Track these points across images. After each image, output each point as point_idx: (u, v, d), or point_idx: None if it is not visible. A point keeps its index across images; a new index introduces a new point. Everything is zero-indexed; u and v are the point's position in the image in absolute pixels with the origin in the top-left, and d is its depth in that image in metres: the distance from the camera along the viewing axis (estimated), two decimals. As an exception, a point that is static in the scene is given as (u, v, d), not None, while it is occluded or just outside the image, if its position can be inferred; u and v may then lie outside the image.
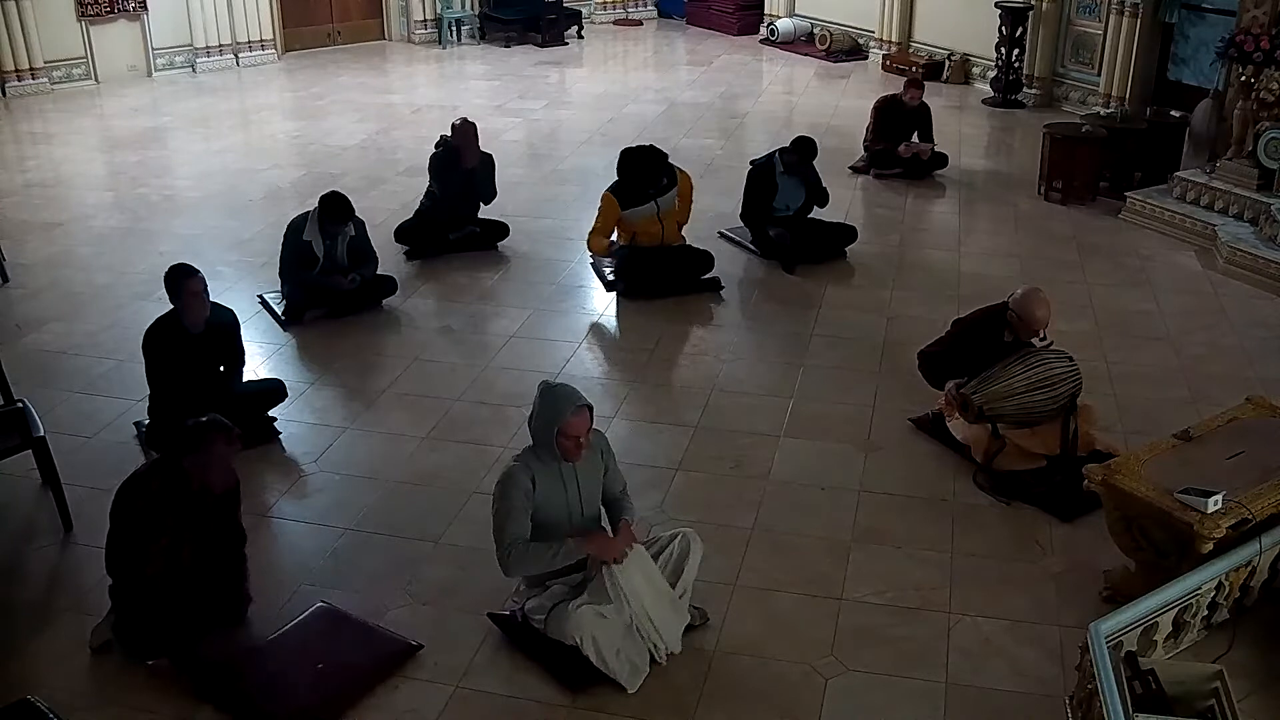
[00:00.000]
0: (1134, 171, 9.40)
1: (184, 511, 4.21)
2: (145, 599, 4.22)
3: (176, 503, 4.20)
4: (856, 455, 5.74)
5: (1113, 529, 4.59)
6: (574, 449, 4.18)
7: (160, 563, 4.19)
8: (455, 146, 7.99)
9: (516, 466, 4.23)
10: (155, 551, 4.17)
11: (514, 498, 4.17)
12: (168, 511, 4.17)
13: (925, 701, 4.20)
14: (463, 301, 7.51)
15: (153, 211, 9.09)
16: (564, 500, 4.28)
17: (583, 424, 4.17)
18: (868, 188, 9.64)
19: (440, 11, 14.86)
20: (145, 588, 4.21)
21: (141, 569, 4.18)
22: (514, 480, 4.19)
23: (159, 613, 4.21)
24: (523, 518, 4.18)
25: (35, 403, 5.49)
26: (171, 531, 4.18)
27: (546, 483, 4.23)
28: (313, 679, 4.21)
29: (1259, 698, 4.16)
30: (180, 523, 4.20)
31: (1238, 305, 7.47)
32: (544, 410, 4.18)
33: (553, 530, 4.24)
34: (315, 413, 6.14)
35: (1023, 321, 5.53)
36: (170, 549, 4.20)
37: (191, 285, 5.42)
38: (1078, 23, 11.74)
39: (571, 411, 4.13)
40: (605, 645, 4.15)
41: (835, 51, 14.24)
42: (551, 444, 4.16)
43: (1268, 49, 8.08)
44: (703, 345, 7.04)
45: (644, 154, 7.46)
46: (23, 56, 12.22)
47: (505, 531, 4.17)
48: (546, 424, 4.15)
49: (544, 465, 4.23)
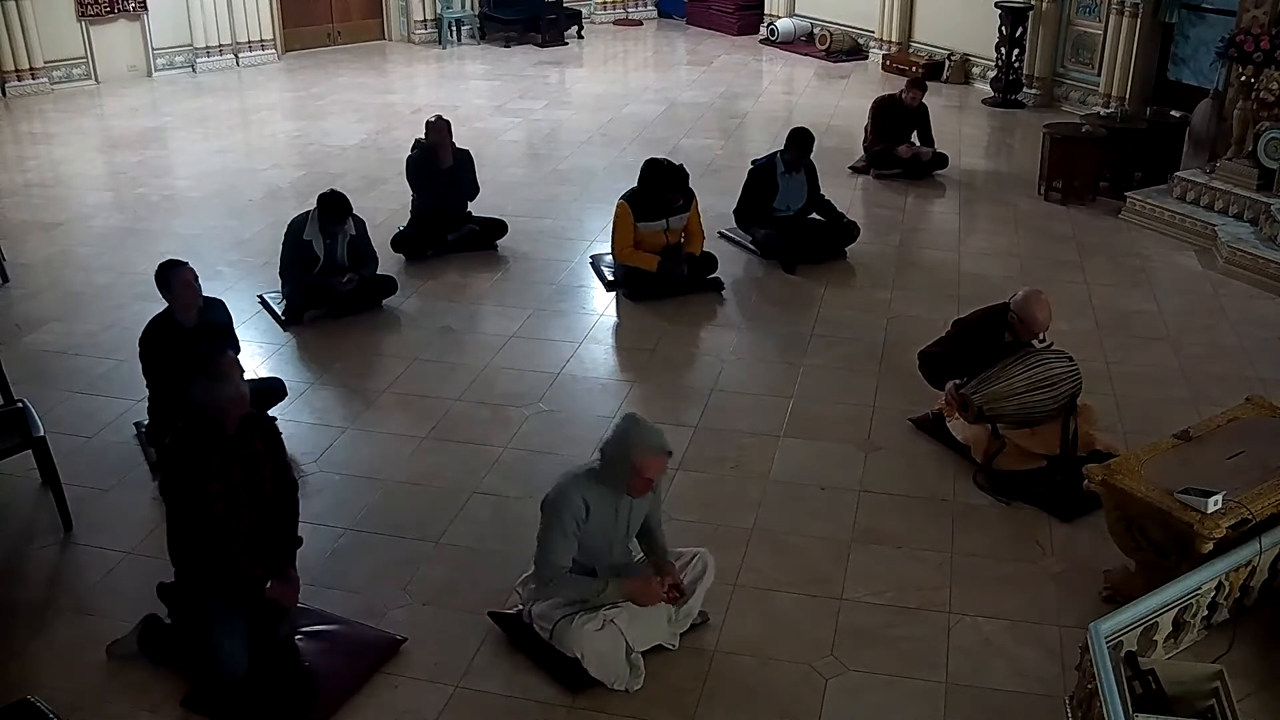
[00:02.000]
0: (1134, 171, 9.41)
1: (225, 451, 4.20)
2: (217, 545, 4.18)
3: (215, 444, 4.19)
4: (856, 455, 5.74)
5: (1113, 529, 4.59)
6: (643, 487, 4.14)
7: (222, 504, 4.17)
8: (431, 145, 7.98)
9: (571, 487, 4.14)
10: (215, 492, 4.16)
11: (565, 521, 4.11)
12: (210, 453, 4.16)
13: (925, 701, 4.20)
14: (462, 301, 7.51)
15: (153, 211, 9.09)
16: (612, 528, 4.24)
17: (660, 467, 4.12)
18: (868, 188, 9.64)
19: (440, 11, 14.86)
20: (215, 531, 4.17)
21: (210, 510, 4.15)
22: (568, 502, 4.12)
23: (229, 558, 4.19)
24: (568, 543, 4.14)
25: (35, 403, 5.49)
26: (220, 473, 4.17)
27: (600, 509, 4.16)
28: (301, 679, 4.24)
29: (1259, 698, 4.16)
30: (226, 463, 4.19)
31: (1238, 305, 7.47)
32: (626, 443, 4.08)
33: (595, 554, 4.22)
34: (315, 413, 6.14)
35: (1023, 323, 5.53)
36: (225, 491, 4.19)
37: (182, 274, 5.43)
38: (1078, 23, 11.74)
39: (654, 453, 4.08)
40: (608, 663, 4.16)
41: (835, 51, 14.25)
42: (623, 476, 4.09)
43: (1268, 49, 8.09)
44: (703, 345, 7.04)
45: (669, 172, 7.35)
46: (23, 56, 12.22)
47: (549, 556, 4.14)
48: (625, 457, 4.06)
49: (602, 491, 4.14)
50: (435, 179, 7.99)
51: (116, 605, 4.61)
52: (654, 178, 7.39)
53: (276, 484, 4.42)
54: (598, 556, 4.23)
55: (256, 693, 4.15)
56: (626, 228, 7.39)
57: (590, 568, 4.22)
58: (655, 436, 4.12)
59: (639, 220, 7.38)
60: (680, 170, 7.42)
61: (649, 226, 7.41)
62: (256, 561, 4.27)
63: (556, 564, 4.14)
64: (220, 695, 4.13)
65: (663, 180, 7.36)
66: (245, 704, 4.12)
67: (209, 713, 4.11)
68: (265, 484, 4.35)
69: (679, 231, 7.53)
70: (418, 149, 8.15)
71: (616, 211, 7.44)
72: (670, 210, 7.43)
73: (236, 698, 4.12)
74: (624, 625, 4.19)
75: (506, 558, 4.86)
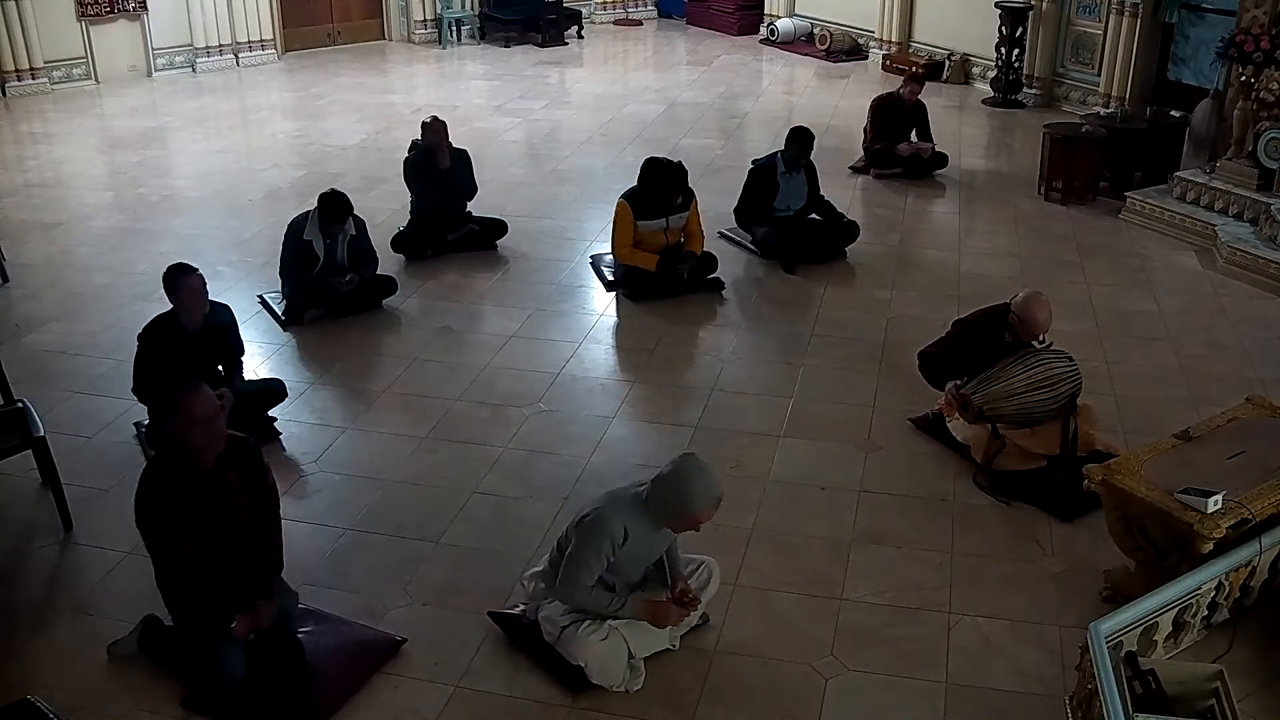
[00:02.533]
0: (1134, 171, 9.41)
1: (196, 490, 4.06)
2: (187, 587, 4.10)
3: (186, 483, 4.04)
4: (856, 455, 5.74)
5: (1113, 529, 4.59)
6: (690, 528, 4.12)
7: (191, 546, 4.05)
8: (428, 146, 7.97)
9: (614, 515, 4.08)
10: (182, 536, 4.03)
11: (602, 546, 4.06)
12: (180, 495, 4.02)
13: (925, 701, 4.20)
14: (462, 301, 7.51)
15: (153, 211, 9.09)
16: (648, 555, 4.24)
17: (712, 513, 4.10)
18: (868, 188, 9.64)
19: (440, 11, 14.86)
20: (184, 574, 4.08)
21: (178, 554, 4.04)
22: (606, 530, 4.06)
23: (203, 597, 4.12)
24: (599, 566, 4.11)
25: (35, 403, 5.49)
26: (188, 516, 4.03)
27: (638, 538, 4.12)
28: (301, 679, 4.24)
29: (1259, 698, 4.16)
30: (196, 505, 4.05)
31: (1238, 305, 7.47)
32: (683, 490, 4.01)
33: (623, 573, 4.20)
34: (315, 413, 6.14)
35: (1024, 325, 5.53)
36: (195, 533, 4.05)
37: (191, 282, 5.39)
38: (1078, 23, 11.74)
39: (710, 503, 4.05)
40: (609, 669, 4.16)
41: (835, 51, 14.25)
42: (674, 517, 4.06)
43: (1268, 49, 8.09)
44: (703, 345, 7.04)
45: (670, 170, 7.35)
46: (23, 56, 12.22)
47: (577, 578, 4.11)
48: (680, 503, 4.02)
49: (643, 523, 4.09)
50: (434, 180, 7.98)
51: (116, 605, 4.60)
52: (654, 177, 7.39)
53: (255, 514, 4.26)
54: (625, 576, 4.23)
55: (256, 693, 4.15)
56: (626, 227, 7.39)
57: (610, 584, 4.21)
58: (713, 485, 4.05)
59: (639, 219, 7.37)
60: (680, 168, 7.42)
61: (649, 226, 7.40)
62: (231, 599, 4.16)
63: (583, 583, 4.13)
64: (219, 696, 4.12)
65: (662, 179, 7.36)
66: (245, 704, 4.11)
67: (209, 713, 4.11)
68: (242, 516, 4.20)
69: (679, 231, 7.53)
70: (415, 150, 8.14)
71: (616, 211, 7.45)
72: (670, 209, 7.43)
73: (236, 698, 4.12)
74: (627, 632, 4.19)
75: (506, 558, 4.86)
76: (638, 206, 7.37)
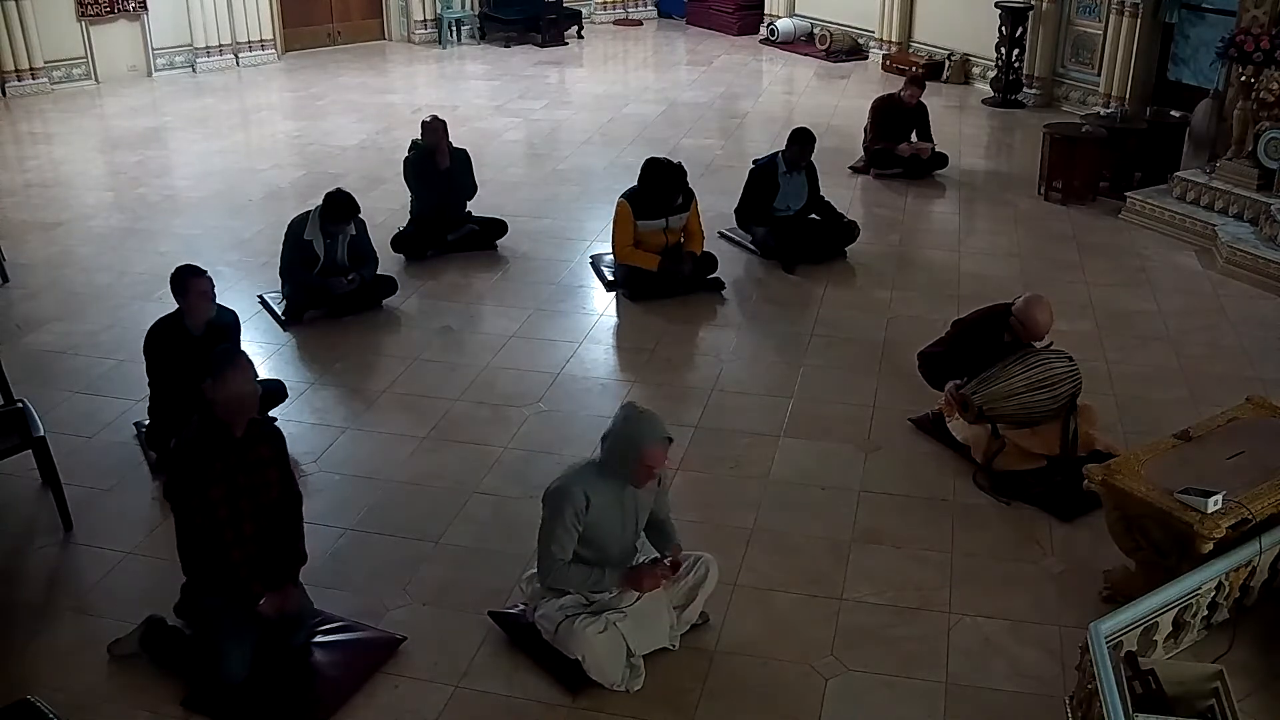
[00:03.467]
0: (1134, 171, 9.40)
1: (230, 455, 4.15)
2: (219, 552, 4.14)
3: (221, 448, 4.13)
4: (856, 455, 5.74)
5: (1113, 529, 4.59)
6: (646, 476, 4.13)
7: (225, 509, 4.12)
8: (428, 146, 7.97)
9: (573, 482, 4.13)
10: (218, 497, 4.10)
11: (566, 516, 4.10)
12: (215, 457, 4.11)
13: (925, 701, 4.20)
14: (462, 301, 7.51)
15: (153, 211, 9.09)
16: (619, 521, 4.24)
17: (663, 455, 4.12)
18: (868, 188, 9.64)
19: (440, 11, 14.86)
20: (217, 538, 4.13)
21: (213, 515, 4.11)
22: (568, 497, 4.11)
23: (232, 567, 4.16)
24: (568, 538, 4.13)
25: (35, 403, 5.49)
26: (223, 477, 4.11)
27: (603, 502, 4.16)
28: (301, 679, 4.24)
29: (1259, 698, 4.16)
30: (230, 468, 4.13)
31: (1238, 305, 7.47)
32: (627, 433, 4.07)
33: (599, 547, 4.21)
34: (315, 413, 6.14)
35: (1025, 327, 5.53)
36: (229, 497, 4.13)
37: (199, 284, 5.38)
38: (1078, 23, 11.74)
39: (657, 442, 4.07)
40: (608, 666, 4.17)
41: (835, 51, 14.24)
42: (625, 467, 4.09)
43: (1268, 49, 8.08)
44: (703, 345, 7.04)
45: (669, 171, 7.35)
46: (23, 56, 12.22)
47: (550, 550, 4.15)
48: (627, 448, 4.06)
49: (605, 485, 4.14)
50: (434, 180, 7.98)
51: (116, 605, 4.60)
52: (654, 177, 7.39)
53: (283, 491, 4.36)
54: (602, 550, 4.23)
55: (257, 693, 4.15)
56: (626, 226, 7.39)
57: (593, 562, 4.22)
58: (656, 425, 4.11)
59: (639, 219, 7.37)
60: (680, 169, 7.42)
61: (649, 225, 7.40)
62: (257, 574, 4.22)
63: (556, 556, 4.15)
64: (220, 696, 4.12)
65: (662, 179, 7.36)
66: (245, 704, 4.11)
67: (209, 713, 4.11)
68: (271, 490, 4.29)
69: (679, 231, 7.53)
70: (415, 150, 8.14)
71: (616, 210, 7.45)
72: (670, 209, 7.43)
73: (236, 698, 4.12)
74: (626, 629, 4.19)
75: (506, 558, 4.86)
76: (638, 206, 7.37)
